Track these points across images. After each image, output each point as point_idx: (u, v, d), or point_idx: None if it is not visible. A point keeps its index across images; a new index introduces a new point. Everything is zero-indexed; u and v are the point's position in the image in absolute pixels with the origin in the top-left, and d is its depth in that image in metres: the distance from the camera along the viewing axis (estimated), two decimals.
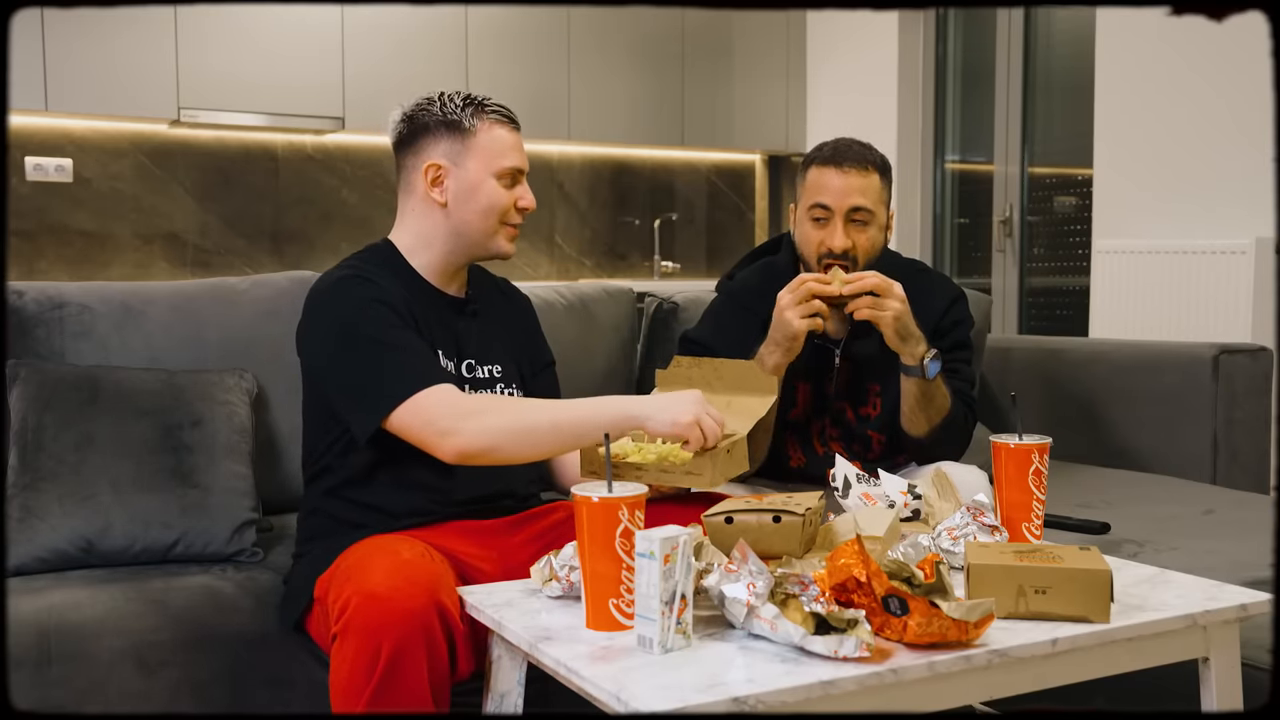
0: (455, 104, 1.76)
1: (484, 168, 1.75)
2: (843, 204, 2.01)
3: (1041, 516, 1.66)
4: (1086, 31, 4.05)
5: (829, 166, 2.03)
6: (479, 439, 1.56)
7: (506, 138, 1.77)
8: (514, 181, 1.79)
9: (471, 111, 1.75)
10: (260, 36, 4.17)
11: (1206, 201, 3.55)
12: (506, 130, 1.78)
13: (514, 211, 1.79)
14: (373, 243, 1.86)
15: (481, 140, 1.75)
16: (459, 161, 1.76)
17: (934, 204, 4.97)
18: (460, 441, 1.55)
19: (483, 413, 1.59)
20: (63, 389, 1.96)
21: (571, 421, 1.59)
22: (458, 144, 1.75)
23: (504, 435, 1.57)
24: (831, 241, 2.02)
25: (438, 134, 1.76)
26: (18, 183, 4.05)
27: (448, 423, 1.56)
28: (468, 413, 1.58)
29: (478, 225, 1.77)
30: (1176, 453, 2.62)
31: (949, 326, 2.14)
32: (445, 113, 1.76)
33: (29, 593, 1.72)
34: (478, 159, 1.75)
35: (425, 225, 1.80)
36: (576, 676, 1.19)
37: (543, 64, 4.70)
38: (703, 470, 1.59)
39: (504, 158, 1.76)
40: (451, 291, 1.83)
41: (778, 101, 5.26)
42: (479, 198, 1.76)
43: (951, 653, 1.22)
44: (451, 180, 1.76)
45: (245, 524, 1.95)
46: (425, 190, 1.78)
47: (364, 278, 1.70)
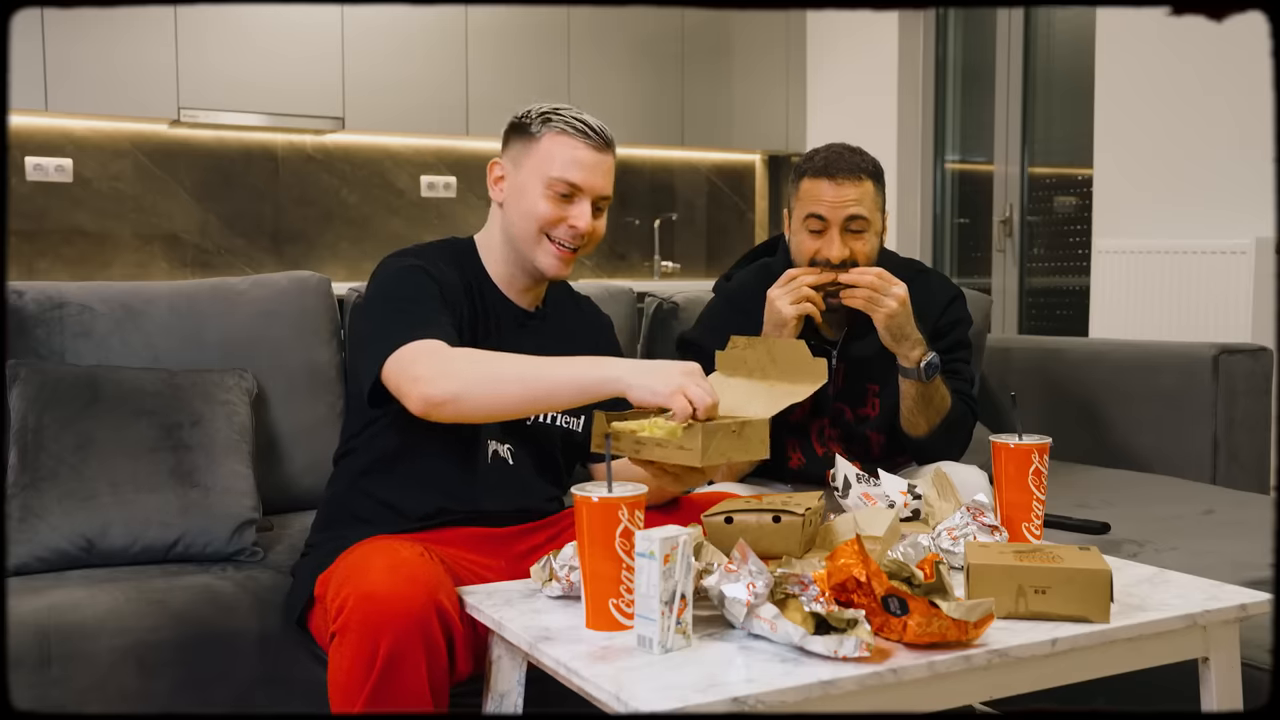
0: (538, 112, 1.75)
1: (535, 173, 1.72)
2: (838, 215, 2.00)
3: (1041, 516, 1.66)
4: (1086, 31, 4.05)
5: (822, 178, 2.00)
6: (443, 385, 1.49)
7: (568, 149, 1.71)
8: (568, 198, 1.72)
9: (543, 119, 1.73)
10: (260, 36, 4.17)
11: (1206, 201, 3.55)
12: (573, 142, 1.72)
13: (561, 227, 1.72)
14: (455, 236, 1.86)
15: (541, 147, 1.72)
16: (518, 163, 1.75)
17: (934, 204, 4.97)
18: (425, 389, 1.49)
19: (453, 360, 1.53)
20: (63, 389, 1.96)
21: (543, 379, 1.51)
22: (521, 147, 1.75)
23: (470, 383, 1.50)
24: (829, 252, 2.00)
25: (513, 137, 1.77)
26: (18, 183, 4.05)
27: (419, 369, 1.51)
28: (440, 360, 1.52)
29: (519, 231, 1.74)
30: (1176, 453, 2.62)
31: (948, 326, 2.14)
32: (525, 118, 1.75)
33: (29, 592, 1.72)
34: (532, 163, 1.73)
35: (491, 223, 1.82)
36: (576, 676, 1.19)
37: (543, 64, 4.70)
38: (693, 445, 1.47)
39: (556, 167, 1.71)
40: (521, 303, 1.81)
41: (778, 101, 5.26)
42: (523, 202, 1.73)
43: (951, 653, 1.22)
44: (508, 181, 1.76)
45: (245, 523, 1.95)
46: (490, 187, 1.79)
47: (420, 269, 1.69)
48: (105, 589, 1.75)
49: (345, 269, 4.61)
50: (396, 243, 4.68)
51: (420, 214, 4.77)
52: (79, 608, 1.70)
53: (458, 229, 4.82)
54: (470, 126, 4.56)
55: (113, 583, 1.78)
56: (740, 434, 1.52)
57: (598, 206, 1.75)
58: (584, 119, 1.73)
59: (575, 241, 1.73)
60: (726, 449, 1.50)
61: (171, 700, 1.71)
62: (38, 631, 1.65)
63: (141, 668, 1.70)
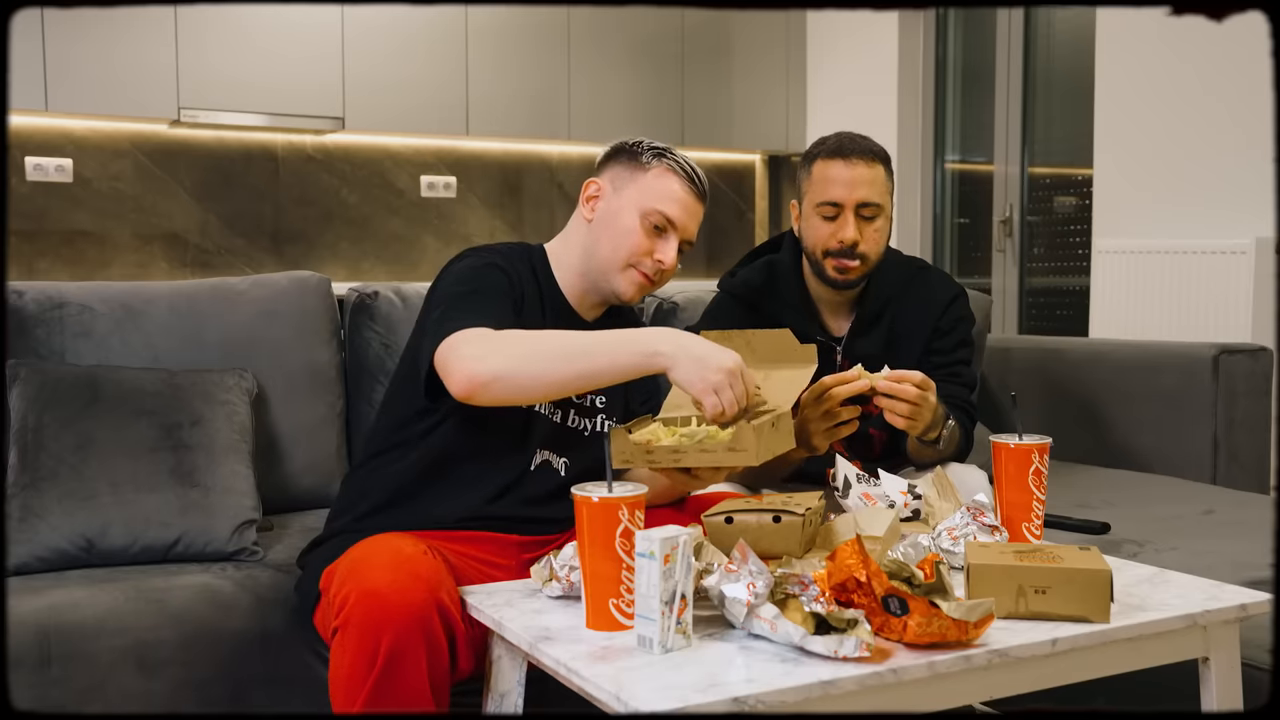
0: (649, 145, 1.77)
1: (635, 201, 1.73)
2: (852, 197, 1.99)
3: (1041, 516, 1.66)
4: (1086, 31, 4.05)
5: (835, 160, 2.01)
6: (489, 363, 1.47)
7: (674, 188, 1.74)
8: (660, 232, 1.74)
9: (655, 154, 1.76)
10: (260, 36, 4.17)
11: (1206, 201, 3.55)
12: (679, 183, 1.75)
13: (647, 259, 1.74)
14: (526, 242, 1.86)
15: (648, 178, 1.74)
16: (619, 188, 1.76)
17: (934, 204, 4.96)
18: (472, 366, 1.47)
19: (499, 340, 1.51)
20: (63, 389, 1.96)
21: (585, 352, 1.50)
22: (626, 173, 1.76)
23: (514, 360, 1.48)
24: (843, 234, 1.99)
25: (617, 161, 1.78)
26: (18, 183, 4.05)
27: (467, 349, 1.49)
28: (486, 341, 1.51)
29: (605, 252, 1.74)
30: (1176, 453, 2.62)
31: (950, 325, 2.13)
32: (634, 148, 1.78)
33: (29, 592, 1.72)
34: (634, 191, 1.74)
35: (572, 236, 1.81)
36: (576, 676, 1.19)
37: (543, 64, 4.70)
38: (747, 445, 1.46)
39: (658, 200, 1.73)
40: (586, 317, 1.81)
41: (778, 101, 5.26)
42: (616, 225, 1.73)
43: (951, 653, 1.22)
44: (604, 202, 1.77)
45: (245, 523, 1.95)
46: (582, 204, 1.79)
47: (496, 265, 1.71)
48: (105, 589, 1.75)
49: (345, 269, 4.61)
50: (396, 243, 4.70)
51: (420, 214, 4.77)
52: (79, 608, 1.70)
53: (458, 229, 4.82)
54: (470, 126, 4.56)
55: (112, 583, 1.78)
56: (777, 427, 1.54)
57: (680, 249, 1.77)
58: (690, 164, 1.78)
59: (656, 274, 1.75)
60: (771, 444, 1.51)
61: (171, 700, 1.71)
62: (38, 631, 1.65)
63: (141, 668, 1.70)
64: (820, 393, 1.82)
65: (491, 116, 4.58)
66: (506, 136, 4.72)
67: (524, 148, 4.93)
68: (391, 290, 2.40)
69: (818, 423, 1.83)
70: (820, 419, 1.83)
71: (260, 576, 1.86)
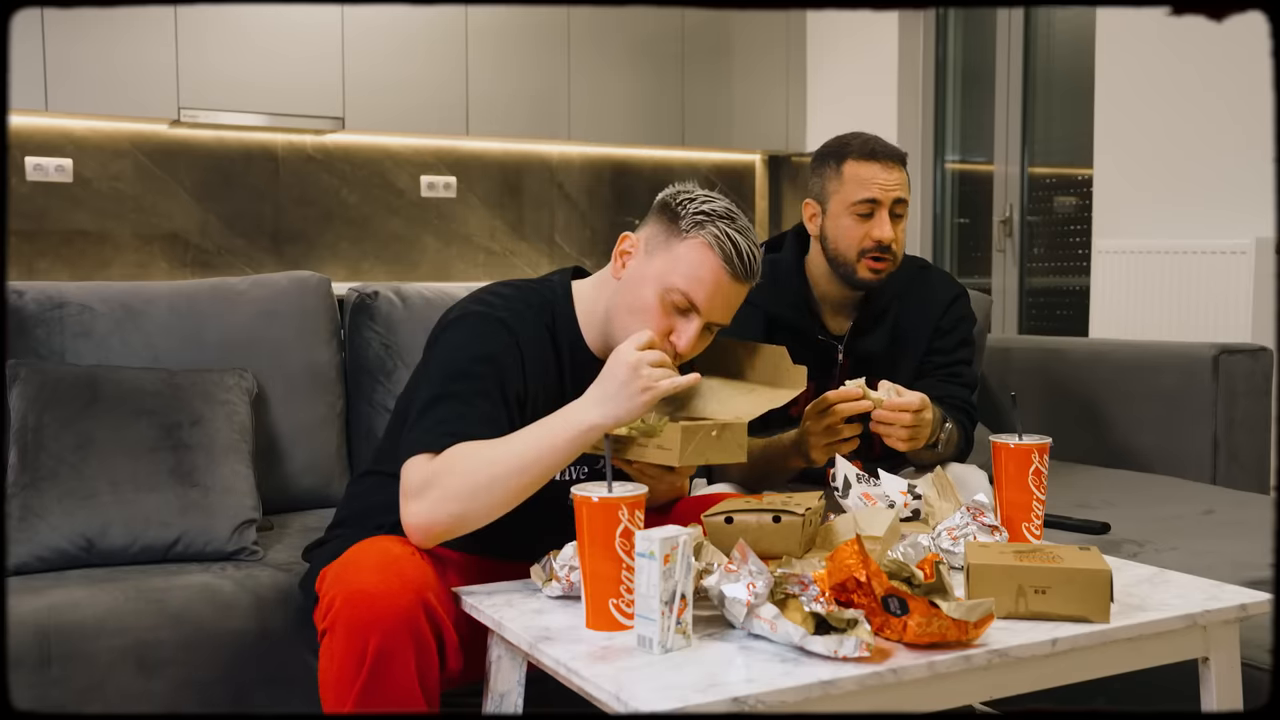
0: (697, 205, 1.58)
1: (661, 274, 1.57)
2: (889, 196, 2.02)
3: (1041, 516, 1.66)
4: (1086, 31, 4.05)
5: (871, 161, 2.02)
6: (435, 515, 1.44)
7: (707, 267, 1.56)
8: (682, 311, 1.57)
9: (699, 220, 1.56)
10: (260, 36, 4.17)
11: (1206, 201, 3.55)
12: (716, 261, 1.55)
13: (663, 341, 1.56)
14: (560, 275, 1.72)
15: (681, 249, 1.57)
16: (651, 251, 1.60)
17: (934, 204, 4.96)
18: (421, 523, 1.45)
19: (442, 479, 1.45)
20: (63, 389, 1.96)
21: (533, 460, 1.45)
22: (662, 237, 1.59)
23: (460, 502, 1.44)
24: (881, 233, 2.00)
25: (659, 217, 1.61)
26: (18, 183, 4.05)
27: (414, 504, 1.46)
28: (432, 485, 1.45)
29: (621, 321, 1.59)
30: (1176, 453, 2.62)
31: (951, 324, 2.14)
32: (680, 204, 1.59)
33: (29, 592, 1.72)
34: (663, 261, 1.57)
35: (600, 289, 1.67)
36: (576, 676, 1.19)
37: (543, 64, 4.70)
38: (671, 444, 1.46)
39: (684, 280, 1.56)
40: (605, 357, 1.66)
41: (778, 101, 5.26)
42: (636, 296, 1.58)
43: (951, 653, 1.22)
44: (635, 262, 1.61)
45: (245, 523, 1.95)
46: (614, 257, 1.64)
47: (500, 321, 1.58)
48: (105, 589, 1.75)
49: (345, 269, 4.61)
50: (396, 243, 4.70)
51: (420, 214, 4.77)
52: (79, 607, 1.70)
53: (458, 229, 4.82)
54: (470, 126, 4.56)
55: (112, 582, 1.78)
56: (720, 437, 1.52)
57: (709, 327, 1.60)
58: (739, 240, 1.56)
59: (671, 355, 1.58)
60: (705, 450, 1.50)
61: (171, 700, 1.71)
62: (38, 631, 1.65)
63: (141, 668, 1.70)
64: (823, 406, 1.82)
65: (491, 116, 4.58)
66: (506, 136, 4.72)
67: (524, 148, 4.93)
68: (391, 290, 2.40)
69: (818, 436, 1.84)
70: (822, 433, 1.84)
71: (260, 576, 1.86)
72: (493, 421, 1.52)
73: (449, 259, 4.82)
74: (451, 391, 1.53)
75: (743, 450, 1.55)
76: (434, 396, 1.53)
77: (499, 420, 1.52)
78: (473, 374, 1.54)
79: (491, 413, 1.52)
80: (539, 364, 1.61)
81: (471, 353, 1.56)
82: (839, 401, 1.81)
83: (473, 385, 1.53)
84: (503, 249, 4.93)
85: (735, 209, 1.61)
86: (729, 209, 1.60)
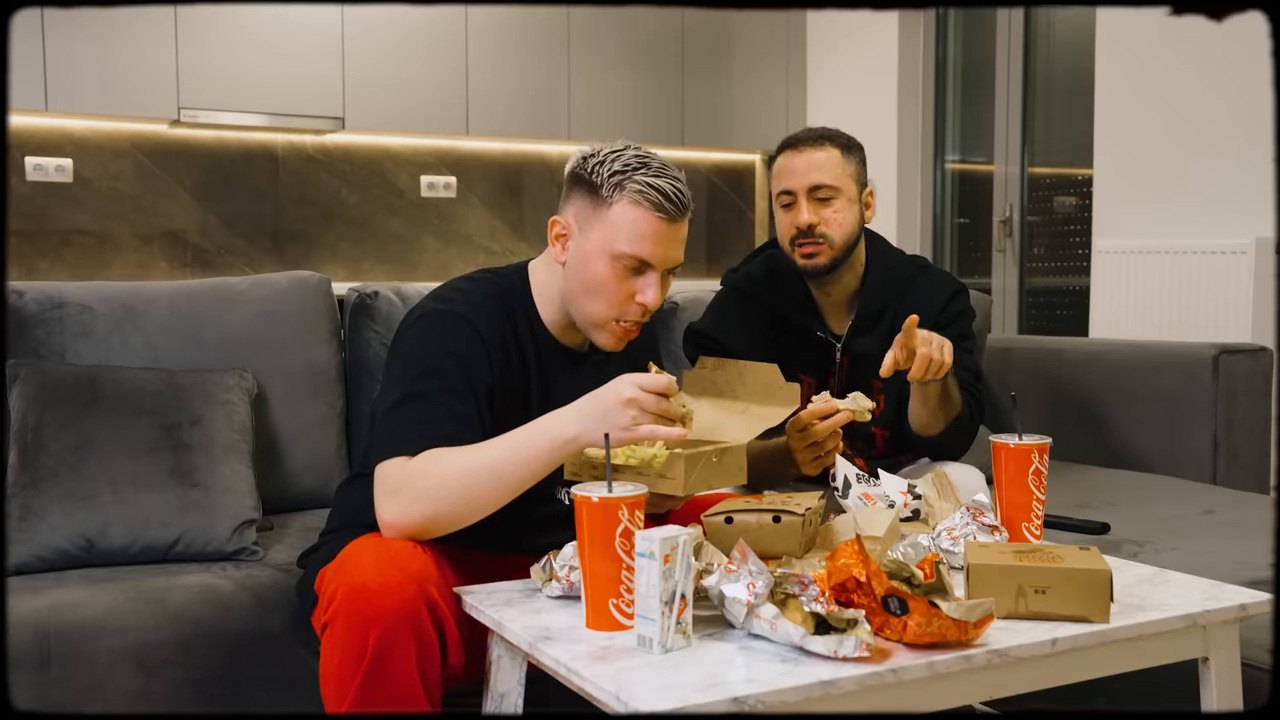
0: (609, 167, 1.57)
1: (603, 244, 1.57)
2: (802, 183, 2.03)
3: (1041, 516, 1.66)
4: (1086, 31, 4.05)
5: (787, 151, 2.06)
6: (409, 515, 1.45)
7: (643, 222, 1.55)
8: (637, 271, 1.58)
9: (617, 181, 1.56)
10: (260, 36, 4.17)
11: (1206, 201, 3.55)
12: (648, 214, 1.55)
13: (629, 304, 1.59)
14: (519, 263, 1.72)
15: (612, 216, 1.56)
16: (584, 229, 1.59)
17: (934, 204, 4.97)
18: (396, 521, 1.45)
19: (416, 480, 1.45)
20: (63, 389, 1.96)
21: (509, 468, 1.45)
22: (589, 211, 1.59)
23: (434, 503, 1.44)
24: (798, 220, 2.03)
25: (579, 190, 1.61)
26: (18, 183, 4.05)
27: (388, 502, 1.46)
28: (406, 486, 1.45)
29: (582, 305, 1.61)
30: (1176, 453, 2.62)
31: (949, 320, 2.14)
32: (593, 172, 1.59)
33: (29, 592, 1.72)
34: (600, 232, 1.57)
35: (551, 276, 1.67)
36: (576, 676, 1.19)
37: (543, 64, 4.70)
38: (675, 474, 1.47)
39: (627, 242, 1.56)
40: (571, 343, 1.70)
41: (778, 101, 5.26)
42: (587, 274, 1.58)
43: (951, 653, 1.22)
44: (572, 244, 1.61)
45: (245, 523, 1.95)
46: (551, 243, 1.65)
47: (460, 316, 1.58)
48: (105, 589, 1.75)
49: (345, 269, 4.61)
50: (396, 243, 4.70)
51: (420, 214, 4.77)
52: (79, 607, 1.70)
53: (458, 229, 4.82)
54: (470, 126, 4.56)
55: (112, 582, 1.78)
56: (721, 461, 1.54)
57: (668, 272, 1.62)
58: (660, 184, 1.56)
59: (642, 318, 1.62)
60: (708, 477, 1.52)
61: (171, 700, 1.71)
62: (38, 631, 1.65)
63: (141, 667, 1.70)
64: (801, 426, 1.82)
65: (491, 116, 4.57)
66: (506, 136, 4.72)
67: (524, 148, 4.93)
68: (391, 290, 2.40)
69: (804, 453, 1.84)
70: (805, 450, 1.83)
71: (260, 576, 1.86)
72: (461, 418, 1.53)
73: (449, 259, 4.82)
74: (418, 390, 1.53)
75: (743, 473, 1.58)
76: (402, 396, 1.54)
77: (468, 416, 1.53)
78: (439, 371, 1.55)
79: (459, 408, 1.53)
80: (502, 352, 1.61)
81: (435, 350, 1.57)
82: (811, 420, 1.81)
83: (439, 383, 1.54)
84: (503, 249, 4.93)
85: (643, 151, 1.61)
86: (638, 157, 1.59)
